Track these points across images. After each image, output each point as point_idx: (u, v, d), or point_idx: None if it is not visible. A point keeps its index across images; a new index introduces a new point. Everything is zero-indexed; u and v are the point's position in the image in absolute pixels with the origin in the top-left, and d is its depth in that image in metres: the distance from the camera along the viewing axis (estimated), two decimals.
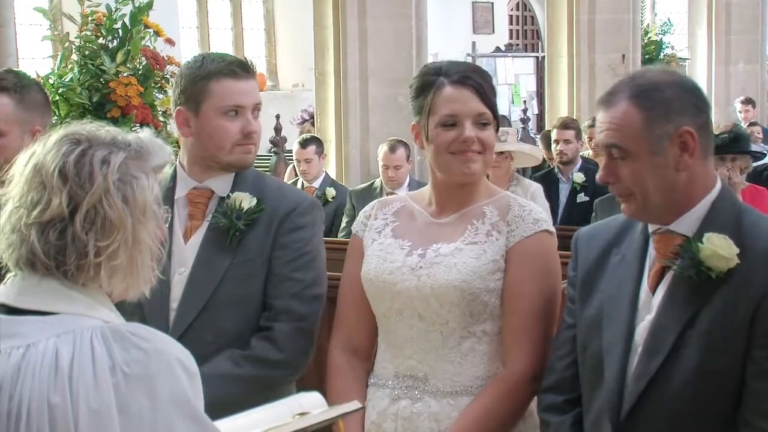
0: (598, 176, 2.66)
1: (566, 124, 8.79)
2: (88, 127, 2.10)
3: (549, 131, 10.06)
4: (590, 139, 10.44)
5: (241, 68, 3.15)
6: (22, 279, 2.04)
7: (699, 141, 2.54)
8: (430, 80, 2.97)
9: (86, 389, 1.94)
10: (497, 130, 3.02)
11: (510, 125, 12.49)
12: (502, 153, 7.44)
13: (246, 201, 3.13)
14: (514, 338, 2.93)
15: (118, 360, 1.96)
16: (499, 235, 2.97)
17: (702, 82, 16.39)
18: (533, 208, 3.05)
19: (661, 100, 2.54)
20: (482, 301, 2.93)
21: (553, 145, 8.77)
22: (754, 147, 8.15)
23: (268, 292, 3.12)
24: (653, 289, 2.61)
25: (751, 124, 13.85)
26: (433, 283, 2.93)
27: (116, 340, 1.98)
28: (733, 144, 7.28)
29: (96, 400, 1.93)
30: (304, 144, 8.65)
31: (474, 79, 2.96)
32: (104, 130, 2.10)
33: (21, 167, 2.07)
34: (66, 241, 2.00)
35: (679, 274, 2.54)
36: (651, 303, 2.60)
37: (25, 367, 1.96)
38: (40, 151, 2.06)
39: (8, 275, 2.08)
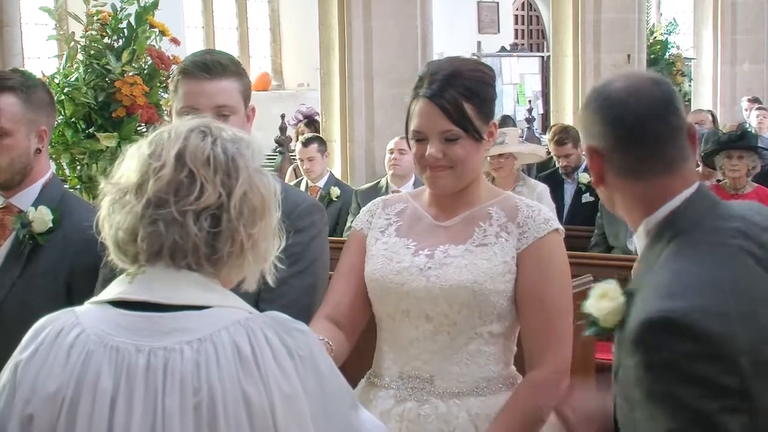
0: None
1: (561, 140, 8.72)
2: (206, 121, 2.14)
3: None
4: None
5: (201, 69, 3.06)
6: (160, 275, 2.05)
7: (610, 163, 2.36)
8: (416, 85, 2.98)
9: (275, 376, 1.99)
10: (480, 137, 2.95)
11: (515, 125, 12.50)
12: (503, 154, 7.44)
13: None
14: (540, 339, 2.94)
15: (291, 345, 2.03)
16: (509, 236, 2.97)
17: (708, 82, 16.39)
18: (540, 207, 3.05)
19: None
20: (491, 303, 2.93)
21: (555, 159, 8.80)
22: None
23: (261, 296, 3.04)
24: None
25: (757, 107, 13.83)
26: (443, 284, 2.93)
27: (280, 327, 2.05)
28: (741, 140, 7.29)
29: (286, 385, 1.99)
30: (306, 143, 8.69)
31: (447, 95, 2.91)
32: (218, 125, 2.14)
33: (136, 160, 2.08)
34: (221, 228, 2.03)
35: None
36: None
37: (204, 361, 1.97)
38: (170, 142, 2.06)
39: (131, 272, 2.07)
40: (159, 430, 1.95)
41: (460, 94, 2.91)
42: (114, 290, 2.08)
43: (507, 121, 12.73)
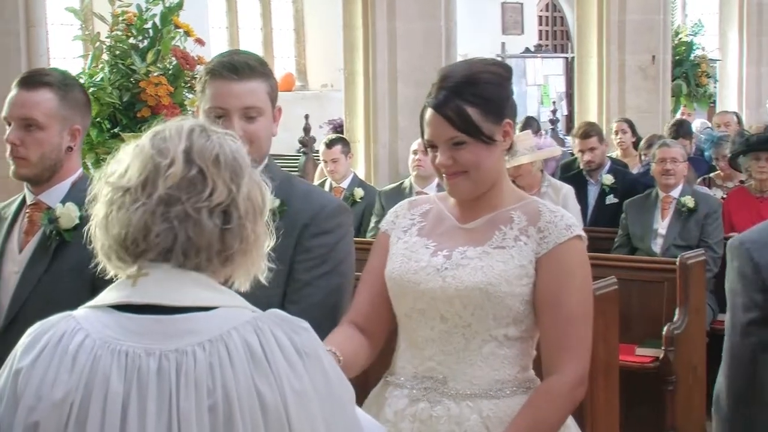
0: None
1: (587, 133, 8.71)
2: (200, 121, 2.15)
3: None
4: (616, 132, 10.44)
5: (229, 70, 3.07)
6: (163, 277, 2.04)
7: None
8: (428, 93, 2.98)
9: (286, 374, 1.98)
10: (490, 140, 2.92)
11: (539, 127, 12.47)
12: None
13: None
14: (558, 346, 2.92)
15: (298, 343, 2.02)
16: (528, 240, 2.95)
17: (733, 84, 16.32)
18: (564, 213, 3.02)
19: None
20: (506, 306, 2.91)
21: (579, 155, 8.76)
22: None
23: (288, 297, 3.07)
24: None
25: None
26: (458, 285, 2.92)
27: (286, 325, 2.04)
28: None
29: (297, 382, 1.98)
30: (329, 144, 8.71)
31: (451, 104, 2.90)
32: (211, 125, 2.15)
33: (138, 159, 2.06)
34: (232, 226, 2.04)
35: None
36: None
37: (218, 362, 1.96)
38: (174, 140, 2.06)
39: (133, 275, 2.05)
40: None
41: (464, 101, 2.90)
42: (116, 294, 2.06)
43: (531, 122, 12.71)
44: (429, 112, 2.94)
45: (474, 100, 2.90)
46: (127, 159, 2.08)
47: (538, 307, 2.93)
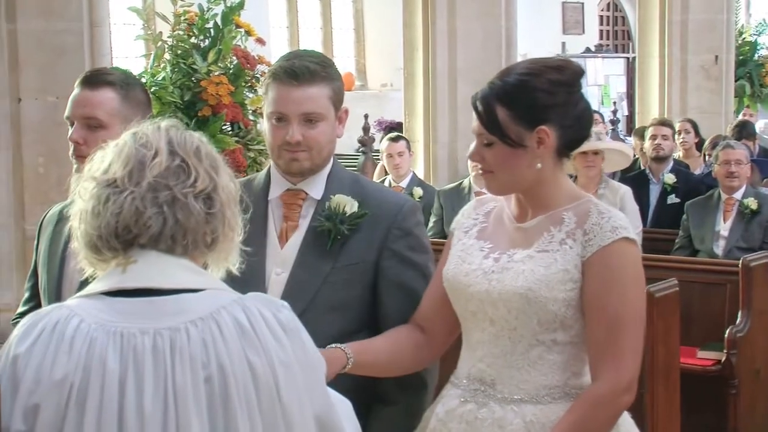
0: None
1: (664, 122, 9.01)
2: (176, 121, 2.28)
3: (643, 127, 10.01)
4: (680, 132, 10.37)
5: (289, 75, 3.06)
6: (152, 262, 2.12)
7: None
8: None
9: (274, 347, 2.10)
10: (516, 144, 2.89)
11: (603, 120, 12.36)
12: (596, 153, 7.33)
13: (348, 205, 3.10)
14: (600, 351, 2.86)
15: (282, 319, 2.14)
16: (574, 244, 2.89)
17: None
18: (613, 215, 2.94)
19: None
20: (550, 311, 2.86)
21: (649, 142, 8.71)
22: None
23: (383, 301, 3.12)
24: None
25: None
26: (501, 289, 2.90)
27: (270, 304, 2.16)
28: None
29: (284, 355, 2.11)
30: (395, 139, 8.77)
31: (484, 101, 2.92)
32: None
33: (123, 154, 2.17)
34: (215, 211, 2.16)
35: None
36: None
37: (211, 338, 2.06)
38: (155, 135, 2.18)
39: (122, 263, 2.13)
40: (172, 407, 2.02)
41: (498, 100, 2.90)
42: (107, 282, 2.14)
43: (597, 118, 12.60)
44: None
45: (509, 101, 2.89)
46: (108, 156, 2.19)
47: (585, 311, 2.88)
